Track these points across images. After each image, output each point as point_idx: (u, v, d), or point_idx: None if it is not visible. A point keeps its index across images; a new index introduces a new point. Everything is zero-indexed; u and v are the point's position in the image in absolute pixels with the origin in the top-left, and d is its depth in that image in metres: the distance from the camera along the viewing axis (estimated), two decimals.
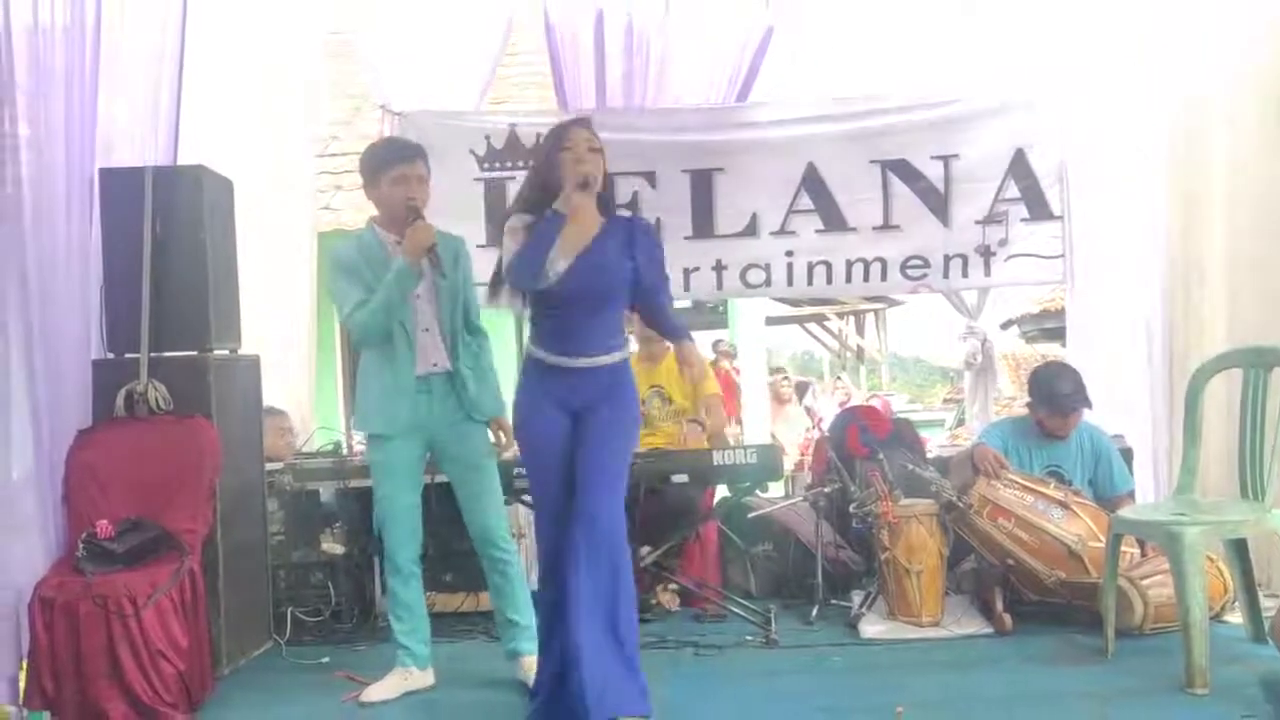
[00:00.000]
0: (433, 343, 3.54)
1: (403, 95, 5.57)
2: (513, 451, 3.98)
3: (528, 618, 3.56)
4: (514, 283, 3.23)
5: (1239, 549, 3.60)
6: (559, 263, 3.14)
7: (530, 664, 3.44)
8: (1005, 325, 12.76)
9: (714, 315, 11.12)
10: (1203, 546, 3.34)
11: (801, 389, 10.98)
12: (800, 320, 16.36)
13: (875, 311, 16.06)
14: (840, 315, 16.16)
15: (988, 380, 6.14)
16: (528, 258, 3.13)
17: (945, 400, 17.42)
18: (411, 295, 3.47)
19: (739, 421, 9.99)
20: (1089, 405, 4.42)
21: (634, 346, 4.90)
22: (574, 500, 3.14)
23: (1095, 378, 5.34)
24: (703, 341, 9.66)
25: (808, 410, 8.58)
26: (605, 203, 3.31)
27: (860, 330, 16.84)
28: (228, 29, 4.96)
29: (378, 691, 3.50)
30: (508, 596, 3.63)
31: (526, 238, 3.16)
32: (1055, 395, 4.37)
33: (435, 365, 3.53)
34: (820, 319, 16.38)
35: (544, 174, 3.22)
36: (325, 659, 3.96)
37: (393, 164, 3.49)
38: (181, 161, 4.21)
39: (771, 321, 14.97)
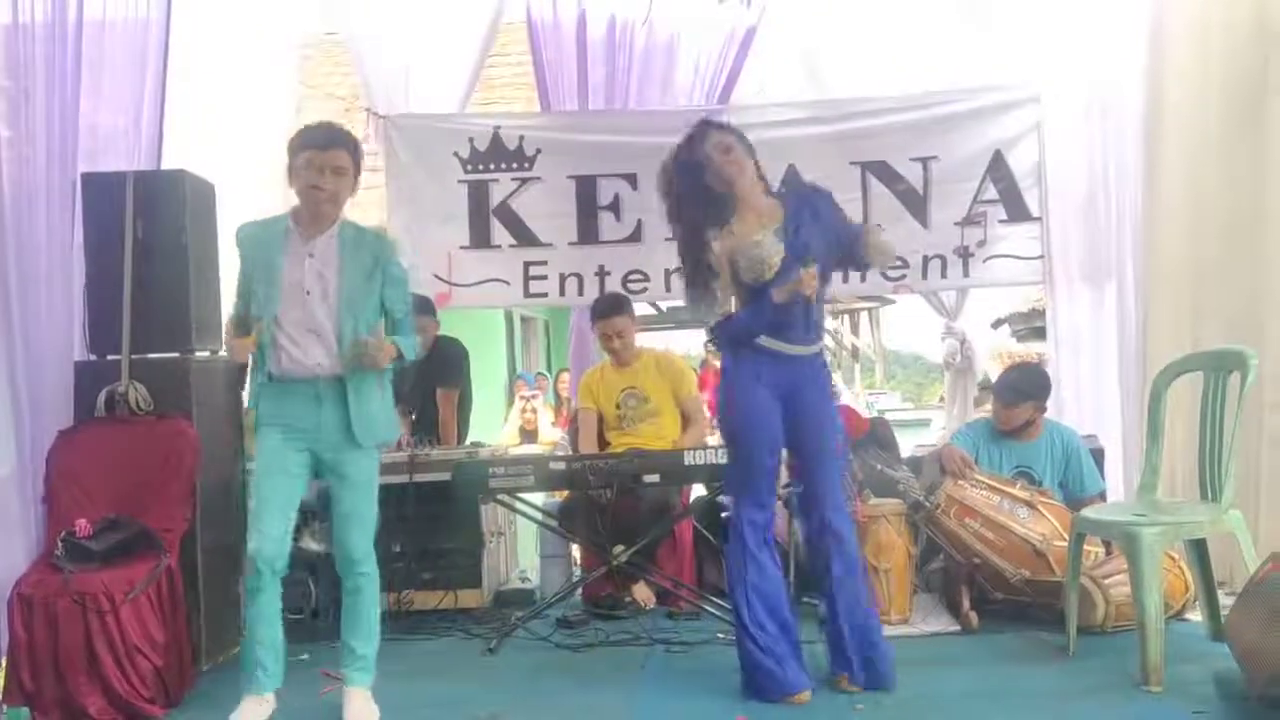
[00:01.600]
0: (322, 346, 3.25)
1: (388, 98, 5.62)
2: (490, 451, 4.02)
3: (369, 648, 3.39)
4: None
5: (1199, 549, 3.65)
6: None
7: (357, 699, 3.32)
8: (996, 324, 12.82)
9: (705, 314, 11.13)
10: (1160, 547, 3.39)
11: None
12: None
13: (869, 310, 16.11)
14: (834, 314, 16.21)
15: (968, 380, 6.19)
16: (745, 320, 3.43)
17: (942, 398, 17.44)
18: (301, 292, 3.24)
19: None
20: (1021, 400, 4.45)
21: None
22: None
23: (1073, 378, 5.43)
24: (693, 341, 9.67)
25: None
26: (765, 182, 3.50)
27: (855, 329, 16.89)
28: (211, 31, 5.01)
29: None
30: (355, 621, 3.40)
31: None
32: (997, 385, 4.54)
33: (319, 368, 3.25)
34: None
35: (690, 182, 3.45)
36: (305, 656, 4.00)
37: (298, 150, 3.22)
38: (165, 165, 4.27)
39: None
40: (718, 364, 10.63)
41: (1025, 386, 4.50)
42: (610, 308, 4.83)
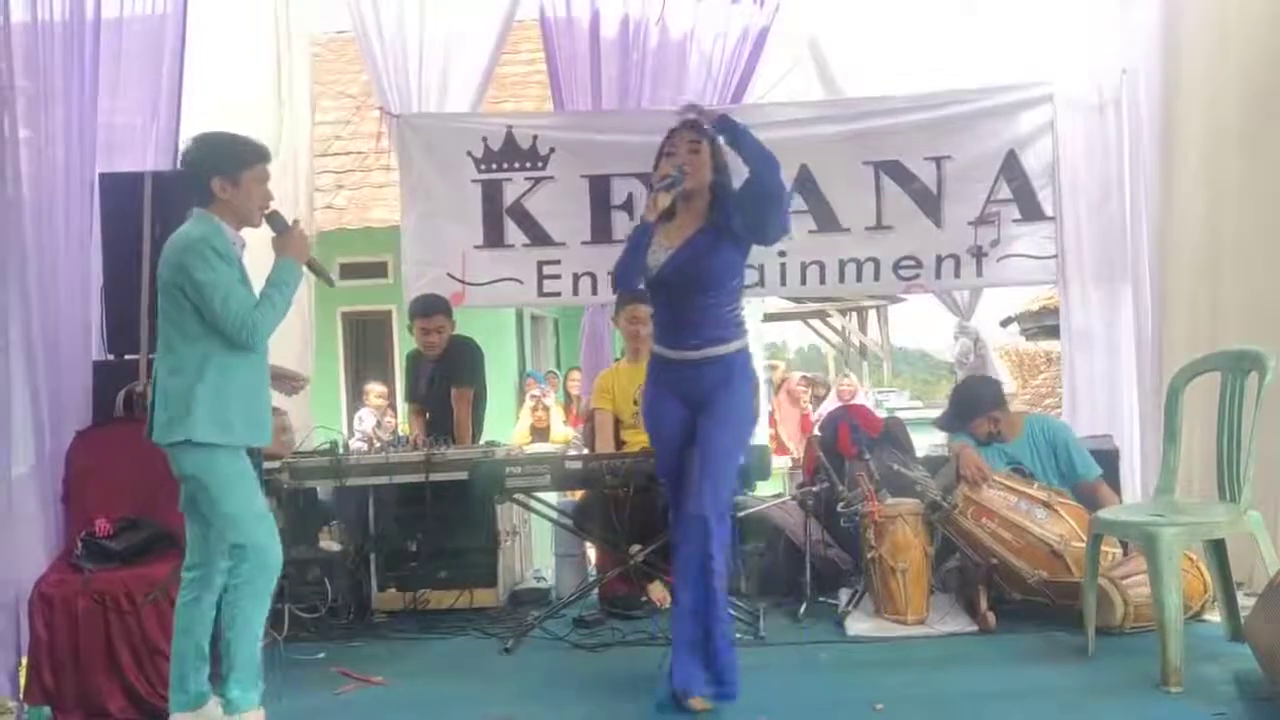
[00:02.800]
0: None
1: (400, 96, 5.63)
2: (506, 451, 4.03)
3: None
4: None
5: (1217, 549, 3.65)
6: (658, 255, 3.39)
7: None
8: (1005, 322, 12.81)
9: None
10: (1179, 547, 3.39)
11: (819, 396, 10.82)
12: (803, 316, 16.41)
13: (877, 308, 16.10)
14: (842, 311, 16.20)
15: None
16: (620, 260, 3.46)
17: (947, 396, 17.44)
18: None
19: None
20: (976, 414, 4.50)
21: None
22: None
23: (1086, 379, 5.43)
24: None
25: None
26: (719, 196, 3.44)
27: (863, 326, 16.88)
28: (227, 30, 5.03)
29: None
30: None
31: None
32: (949, 408, 4.71)
33: None
34: (822, 315, 16.42)
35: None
36: (322, 655, 4.03)
37: (255, 161, 3.23)
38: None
39: (773, 318, 15.03)
40: None
41: (971, 401, 4.57)
42: (636, 294, 4.85)
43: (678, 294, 3.42)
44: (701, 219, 3.45)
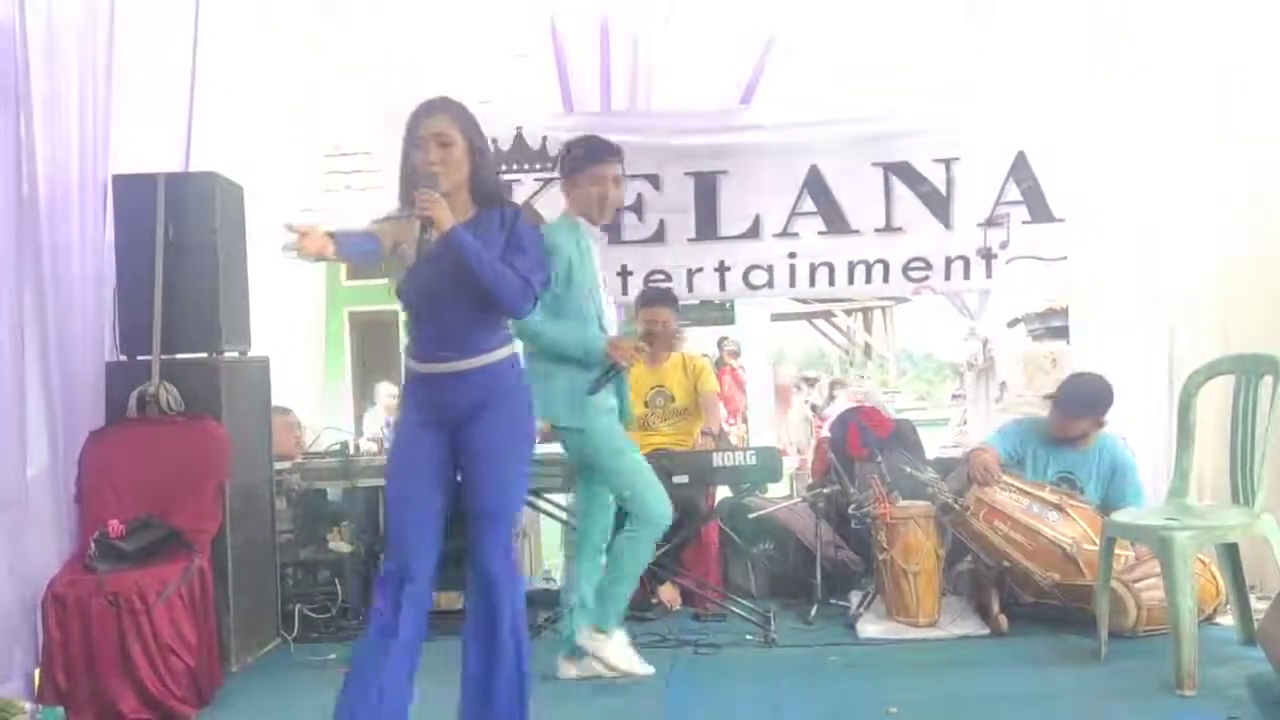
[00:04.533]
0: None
1: (411, 97, 5.61)
2: None
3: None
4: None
5: (1230, 553, 3.65)
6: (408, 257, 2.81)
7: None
8: (1012, 323, 12.77)
9: (720, 312, 11.11)
10: (1193, 551, 3.39)
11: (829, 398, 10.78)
12: (809, 317, 16.40)
13: (883, 309, 16.09)
14: (848, 312, 16.19)
15: (989, 381, 6.18)
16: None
17: (955, 396, 17.41)
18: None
19: (744, 420, 10.00)
20: (1084, 414, 4.35)
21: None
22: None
23: None
24: (708, 339, 9.65)
25: (812, 408, 8.60)
26: (483, 191, 2.91)
27: (868, 327, 16.87)
28: (239, 34, 5.03)
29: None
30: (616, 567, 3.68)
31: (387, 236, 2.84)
32: (1060, 395, 4.39)
33: None
34: (828, 315, 16.41)
35: (404, 170, 2.90)
36: (332, 655, 4.03)
37: (593, 162, 3.71)
38: (194, 166, 4.29)
39: (779, 318, 15.01)
40: (732, 364, 10.64)
41: (1091, 400, 4.35)
42: (657, 297, 4.94)
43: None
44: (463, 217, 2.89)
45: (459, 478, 2.91)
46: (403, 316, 3.10)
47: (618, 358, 3.57)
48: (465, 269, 2.77)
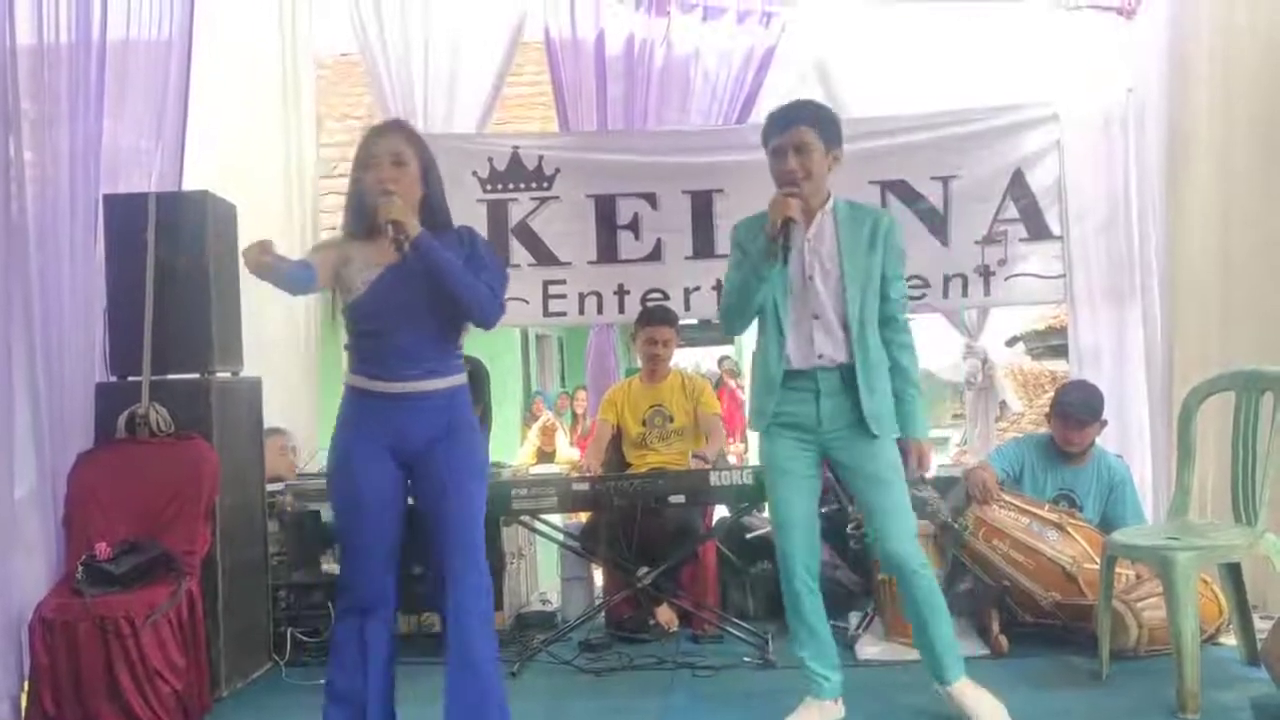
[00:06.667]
0: (823, 333, 3.19)
1: (407, 118, 5.61)
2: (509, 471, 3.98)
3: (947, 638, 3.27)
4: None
5: (1233, 572, 3.60)
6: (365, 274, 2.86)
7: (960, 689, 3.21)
8: (1010, 342, 12.76)
9: (719, 332, 11.13)
10: (1195, 571, 3.34)
11: None
12: None
13: None
14: None
15: (989, 399, 6.14)
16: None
17: (955, 416, 17.34)
18: (794, 277, 3.19)
19: (743, 440, 9.98)
20: (1096, 419, 4.28)
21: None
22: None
23: None
24: (708, 358, 9.64)
25: None
26: (435, 215, 2.91)
27: None
28: (233, 53, 5.03)
29: None
30: (927, 615, 3.29)
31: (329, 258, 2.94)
32: (1062, 403, 4.31)
33: (821, 358, 3.20)
34: None
35: (352, 194, 2.93)
36: (325, 680, 3.97)
37: (770, 138, 3.28)
38: (187, 186, 4.27)
39: None
40: (732, 383, 10.61)
41: (1096, 404, 4.29)
42: (657, 316, 4.89)
43: None
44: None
45: (413, 502, 2.93)
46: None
47: (781, 211, 3.08)
48: (438, 275, 2.78)
